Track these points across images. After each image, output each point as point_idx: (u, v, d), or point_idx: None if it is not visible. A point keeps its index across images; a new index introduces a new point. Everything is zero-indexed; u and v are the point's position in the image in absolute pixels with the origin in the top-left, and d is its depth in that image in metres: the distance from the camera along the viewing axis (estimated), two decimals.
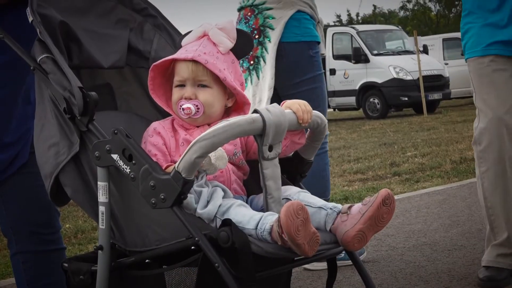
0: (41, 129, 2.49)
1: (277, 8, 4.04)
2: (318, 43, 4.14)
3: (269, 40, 4.03)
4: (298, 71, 4.06)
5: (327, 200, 4.14)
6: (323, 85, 4.16)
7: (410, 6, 66.00)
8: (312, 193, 4.07)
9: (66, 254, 2.98)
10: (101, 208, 2.35)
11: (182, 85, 2.47)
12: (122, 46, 2.71)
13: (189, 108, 2.44)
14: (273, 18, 4.03)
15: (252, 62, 4.08)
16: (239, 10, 4.20)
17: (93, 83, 2.72)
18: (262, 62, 4.05)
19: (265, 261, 2.21)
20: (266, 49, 4.03)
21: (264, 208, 2.31)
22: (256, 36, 4.05)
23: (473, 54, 3.68)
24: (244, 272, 2.11)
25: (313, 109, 4.01)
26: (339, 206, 2.31)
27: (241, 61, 4.06)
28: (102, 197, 2.34)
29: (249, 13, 4.10)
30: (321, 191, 4.12)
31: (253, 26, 4.07)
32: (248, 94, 4.06)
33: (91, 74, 2.73)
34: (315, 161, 4.23)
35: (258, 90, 4.08)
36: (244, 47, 2.55)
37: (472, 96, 3.88)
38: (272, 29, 4.03)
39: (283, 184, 2.39)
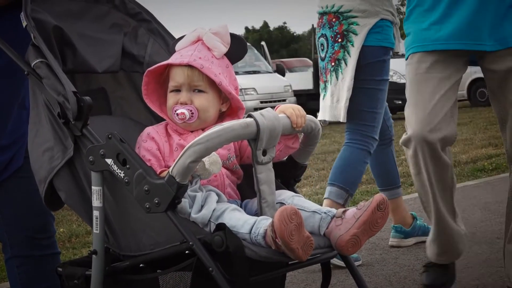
0: (35, 134, 2.49)
1: (362, 16, 4.27)
2: (392, 49, 4.43)
3: (352, 45, 4.26)
4: (370, 71, 4.30)
5: (393, 187, 4.71)
6: (386, 91, 4.43)
7: (403, 9, 66.16)
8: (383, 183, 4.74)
9: (60, 259, 2.98)
10: (95, 213, 2.35)
11: (177, 90, 2.48)
12: (116, 50, 2.72)
13: (183, 113, 2.44)
14: (357, 24, 4.26)
15: (333, 64, 4.31)
16: (321, 14, 4.41)
17: (87, 87, 2.71)
18: (343, 64, 4.28)
19: (259, 265, 2.22)
20: (348, 53, 4.26)
21: (258, 213, 2.32)
22: (339, 40, 4.29)
23: (413, 50, 3.44)
24: (238, 276, 2.12)
25: (370, 110, 4.32)
26: (333, 210, 2.31)
27: (325, 63, 4.37)
28: (96, 202, 2.34)
29: (333, 19, 4.32)
30: (392, 179, 4.74)
31: (336, 31, 4.29)
32: (327, 94, 4.35)
33: (85, 79, 2.72)
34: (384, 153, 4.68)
35: (336, 90, 4.31)
36: (238, 51, 2.55)
37: (465, 99, 3.89)
38: (356, 34, 4.26)
39: (277, 188, 2.39)
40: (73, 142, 2.38)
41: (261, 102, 16.94)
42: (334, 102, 4.31)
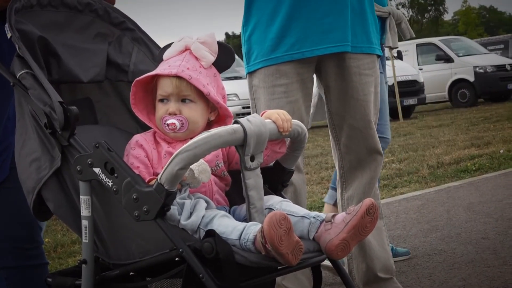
0: (22, 145, 2.48)
1: None
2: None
3: None
4: None
5: None
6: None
7: None
8: None
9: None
10: (84, 222, 2.35)
11: (165, 100, 2.48)
12: (101, 60, 2.72)
13: (174, 123, 2.44)
14: None
15: None
16: None
17: (72, 97, 2.72)
18: None
19: (249, 271, 2.22)
20: None
21: (247, 218, 2.32)
22: None
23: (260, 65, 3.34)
24: (229, 282, 2.12)
25: None
26: (322, 215, 2.32)
27: None
28: (85, 211, 2.34)
29: None
30: None
31: None
32: None
33: (71, 89, 2.72)
34: None
35: None
36: (225, 60, 2.55)
37: (446, 101, 3.98)
38: None
39: (265, 194, 2.40)
40: (60, 152, 2.38)
41: (243, 108, 16.88)
42: None
